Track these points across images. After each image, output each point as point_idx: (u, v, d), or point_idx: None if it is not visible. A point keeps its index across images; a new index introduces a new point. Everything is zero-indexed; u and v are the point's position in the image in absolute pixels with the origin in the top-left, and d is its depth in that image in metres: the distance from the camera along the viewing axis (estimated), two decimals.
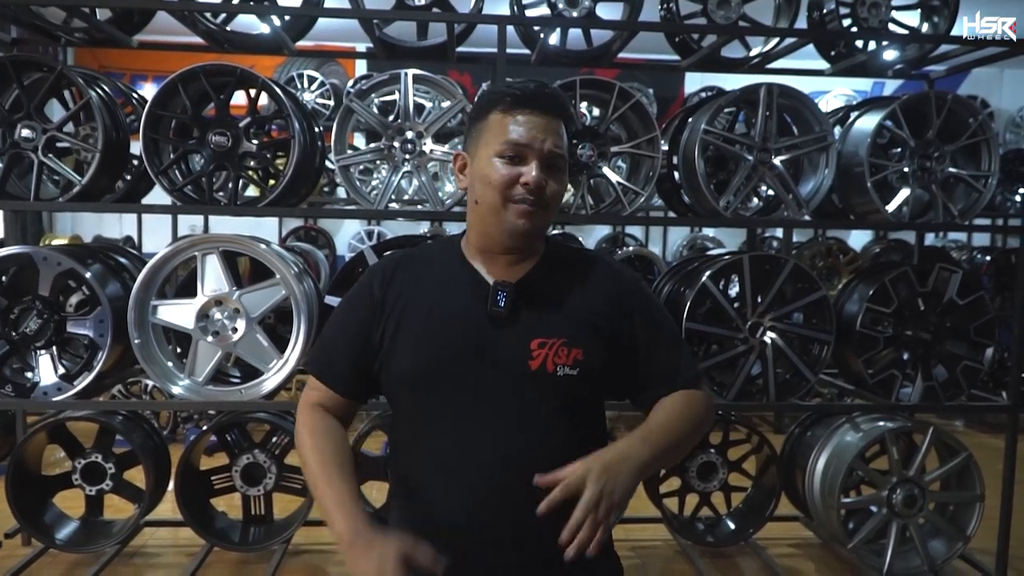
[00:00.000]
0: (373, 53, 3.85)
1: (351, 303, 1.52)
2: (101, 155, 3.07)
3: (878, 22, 3.62)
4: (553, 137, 1.39)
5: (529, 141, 1.38)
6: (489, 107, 1.43)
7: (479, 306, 1.41)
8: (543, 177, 1.38)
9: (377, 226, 7.92)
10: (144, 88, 7.62)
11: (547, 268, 1.48)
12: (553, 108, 1.41)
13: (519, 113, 1.39)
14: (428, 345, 1.41)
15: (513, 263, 1.46)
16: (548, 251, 1.51)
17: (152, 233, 6.32)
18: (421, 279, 1.48)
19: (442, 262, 1.50)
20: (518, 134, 1.38)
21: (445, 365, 1.40)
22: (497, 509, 1.37)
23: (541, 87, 1.43)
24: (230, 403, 3.23)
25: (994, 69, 8.16)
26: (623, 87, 3.30)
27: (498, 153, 1.39)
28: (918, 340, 3.43)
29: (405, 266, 1.50)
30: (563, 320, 1.42)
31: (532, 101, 1.40)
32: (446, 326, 1.42)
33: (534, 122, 1.39)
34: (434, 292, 1.45)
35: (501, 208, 1.39)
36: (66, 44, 3.73)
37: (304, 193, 3.69)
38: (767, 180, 3.38)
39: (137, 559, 3.65)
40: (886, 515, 3.38)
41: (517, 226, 1.39)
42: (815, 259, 6.82)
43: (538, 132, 1.38)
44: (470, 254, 1.48)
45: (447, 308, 1.43)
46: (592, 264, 1.52)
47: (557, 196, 1.43)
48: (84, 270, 3.08)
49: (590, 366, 1.40)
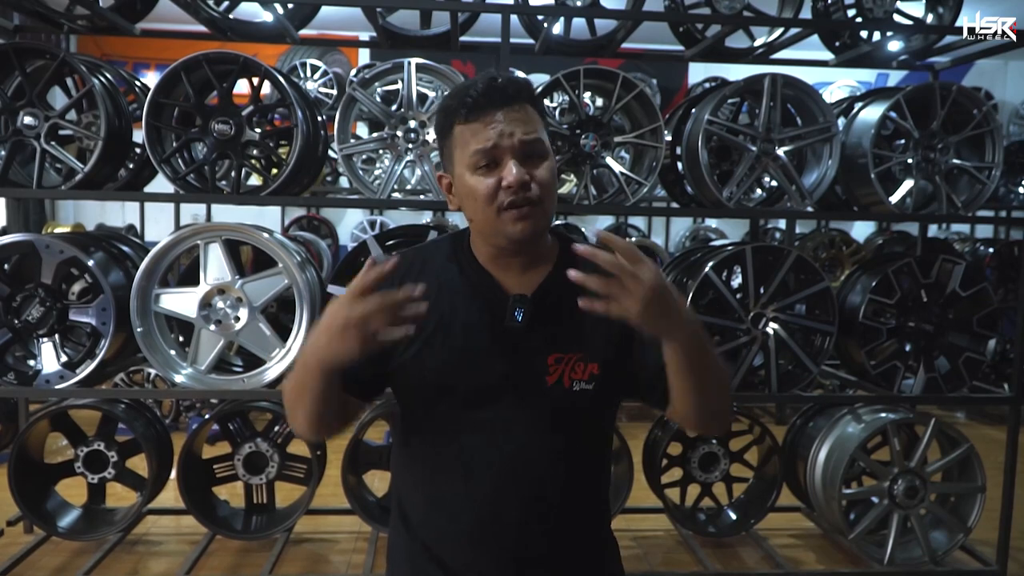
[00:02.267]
0: (376, 42, 3.84)
1: None
2: (104, 143, 3.06)
3: (883, 12, 3.61)
4: (520, 126, 1.31)
5: (496, 142, 1.30)
6: (449, 122, 1.35)
7: (495, 318, 1.36)
8: (524, 172, 1.29)
9: (380, 215, 7.92)
10: (146, 76, 7.61)
11: (562, 275, 1.37)
12: (509, 97, 1.32)
13: (478, 118, 1.31)
14: (442, 356, 1.36)
15: (526, 267, 1.39)
16: (562, 252, 1.43)
17: (154, 222, 6.34)
18: (432, 285, 1.38)
19: (455, 267, 1.42)
20: (483, 140, 1.30)
21: (459, 377, 1.36)
22: (505, 521, 1.36)
23: (491, 81, 1.33)
24: (232, 392, 3.23)
25: (999, 61, 8.14)
26: (627, 77, 3.28)
27: (472, 167, 1.32)
28: (920, 331, 3.43)
29: (416, 269, 1.42)
30: (579, 333, 1.36)
31: (487, 100, 1.31)
32: (461, 337, 1.36)
33: (495, 121, 1.30)
34: (447, 301, 1.38)
35: (496, 220, 1.32)
36: (68, 32, 3.72)
37: (307, 182, 3.69)
38: (770, 171, 3.37)
39: (139, 547, 3.66)
40: (887, 506, 3.39)
41: (516, 232, 1.31)
42: (818, 250, 6.81)
43: (503, 128, 1.30)
44: (482, 259, 1.41)
45: (461, 318, 1.37)
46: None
47: (548, 184, 1.33)
48: (87, 258, 3.08)
49: (605, 380, 1.37)
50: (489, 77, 1.33)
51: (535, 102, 1.37)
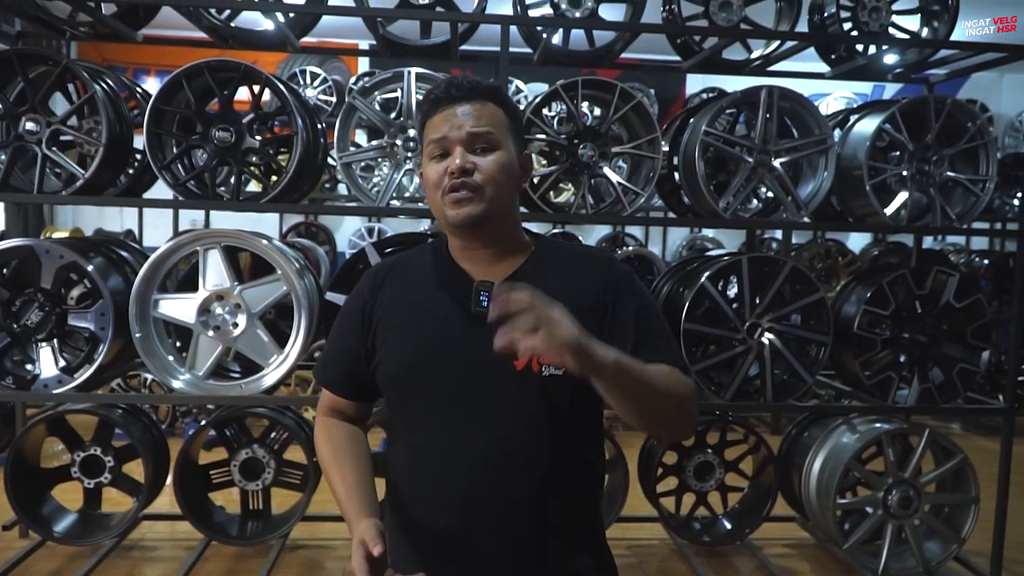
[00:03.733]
0: (376, 51, 3.86)
1: (346, 309, 1.53)
2: (105, 149, 3.08)
3: (878, 26, 3.63)
4: (471, 120, 1.38)
5: (447, 132, 1.38)
6: (422, 120, 1.45)
7: (463, 306, 1.37)
8: (467, 159, 1.36)
9: (378, 223, 7.93)
10: (146, 82, 7.62)
11: (534, 266, 1.45)
12: (467, 94, 1.40)
13: (438, 111, 1.40)
14: (413, 347, 1.41)
15: (495, 259, 1.44)
16: (539, 248, 1.48)
17: (153, 227, 6.32)
18: (408, 282, 1.48)
19: (430, 264, 1.49)
20: (437, 131, 1.39)
21: (430, 367, 1.40)
22: (483, 509, 1.37)
23: (453, 80, 1.42)
24: (230, 398, 3.24)
25: (994, 74, 8.18)
26: (624, 88, 3.31)
27: (428, 156, 1.41)
28: (915, 342, 3.45)
29: (396, 271, 1.51)
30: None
31: (446, 95, 1.40)
32: (430, 328, 1.41)
33: (450, 114, 1.39)
34: (420, 295, 1.45)
35: (441, 205, 1.39)
36: (70, 38, 3.74)
37: (306, 189, 3.70)
38: (767, 182, 3.39)
39: (135, 552, 3.66)
40: (882, 516, 3.40)
41: (454, 216, 1.37)
42: (814, 261, 6.83)
43: (455, 120, 1.38)
44: (455, 254, 1.47)
45: (432, 310, 1.42)
46: (582, 258, 1.49)
47: (491, 173, 1.38)
48: (86, 263, 3.09)
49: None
50: (452, 77, 1.46)
51: (498, 100, 1.44)
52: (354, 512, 1.35)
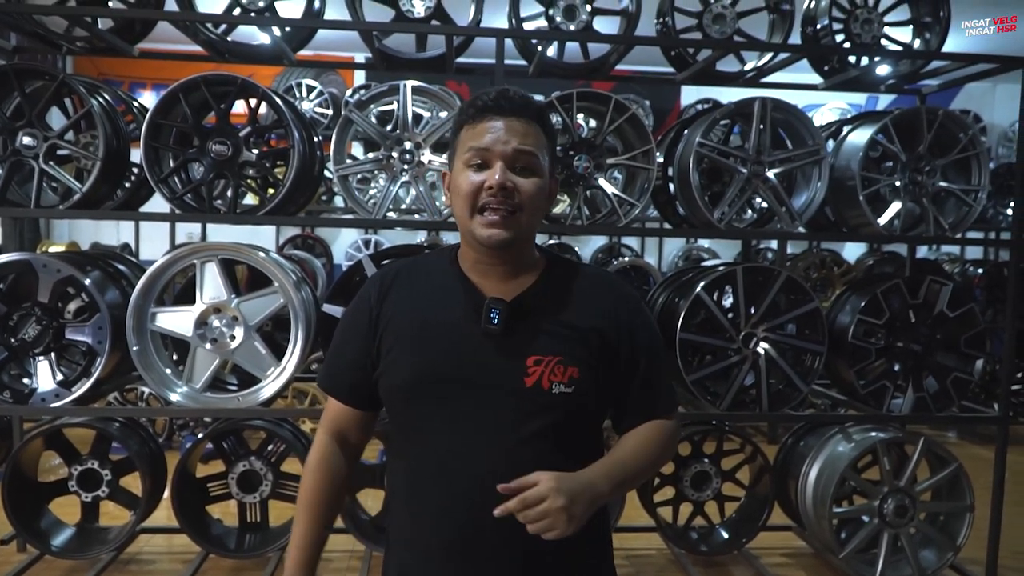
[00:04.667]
0: (372, 64, 3.88)
1: (352, 315, 1.51)
2: (102, 163, 3.10)
3: (871, 38, 3.67)
4: (518, 137, 1.36)
5: (491, 144, 1.35)
6: (460, 122, 1.42)
7: (473, 321, 1.38)
8: (508, 178, 1.35)
9: (374, 235, 7.94)
10: (143, 96, 7.65)
11: (545, 285, 1.44)
12: (517, 109, 1.38)
13: (483, 120, 1.38)
14: (419, 359, 1.40)
15: (507, 276, 1.43)
16: (549, 266, 1.47)
17: (149, 240, 6.35)
18: (417, 291, 1.46)
19: (439, 273, 1.47)
20: (481, 140, 1.36)
21: (437, 379, 1.39)
22: (487, 523, 1.33)
23: (505, 92, 1.40)
24: (227, 410, 3.24)
25: (987, 84, 8.22)
26: (619, 99, 3.33)
27: (464, 163, 1.38)
28: (909, 351, 3.47)
29: (403, 278, 1.48)
30: (560, 338, 1.39)
31: (495, 106, 1.38)
32: (439, 340, 1.40)
33: (497, 126, 1.36)
34: (429, 305, 1.44)
35: (470, 219, 1.37)
36: (67, 52, 3.76)
37: (303, 202, 3.71)
38: (761, 192, 3.41)
39: (132, 566, 3.66)
40: (877, 525, 3.41)
41: (486, 236, 1.36)
42: (809, 271, 6.86)
43: (501, 134, 1.36)
44: (466, 266, 1.45)
45: (441, 322, 1.41)
46: (593, 281, 1.49)
47: (532, 197, 1.37)
48: (83, 277, 3.10)
49: (585, 384, 1.38)
50: (503, 88, 1.41)
51: (543, 122, 1.42)
52: (292, 567, 1.48)
